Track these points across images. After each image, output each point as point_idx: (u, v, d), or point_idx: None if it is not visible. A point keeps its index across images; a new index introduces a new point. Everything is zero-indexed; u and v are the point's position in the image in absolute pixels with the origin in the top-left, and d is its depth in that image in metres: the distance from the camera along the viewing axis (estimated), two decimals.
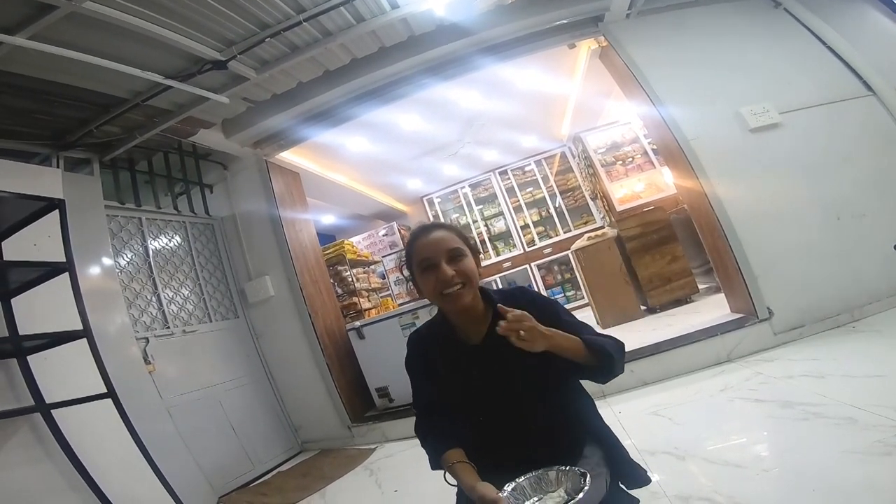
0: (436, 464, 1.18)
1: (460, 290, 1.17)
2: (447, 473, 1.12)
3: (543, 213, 8.06)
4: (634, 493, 1.22)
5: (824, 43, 3.51)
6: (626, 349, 1.20)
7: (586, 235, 5.26)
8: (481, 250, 1.42)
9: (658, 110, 3.42)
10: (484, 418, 1.19)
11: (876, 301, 3.05)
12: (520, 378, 1.17)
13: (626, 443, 2.22)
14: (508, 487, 0.99)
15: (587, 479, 0.94)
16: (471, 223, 8.11)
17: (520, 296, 1.26)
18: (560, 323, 1.16)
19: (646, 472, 1.23)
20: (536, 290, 7.50)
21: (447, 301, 1.18)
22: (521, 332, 1.01)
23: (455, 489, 1.13)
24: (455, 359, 1.24)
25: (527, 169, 8.12)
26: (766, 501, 1.54)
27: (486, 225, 8.12)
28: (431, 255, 1.18)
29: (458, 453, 1.12)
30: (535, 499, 0.99)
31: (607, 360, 1.10)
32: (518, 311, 1.03)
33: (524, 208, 8.01)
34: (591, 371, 1.13)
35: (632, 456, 1.24)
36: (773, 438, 2.03)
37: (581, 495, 0.90)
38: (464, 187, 8.20)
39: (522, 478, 1.02)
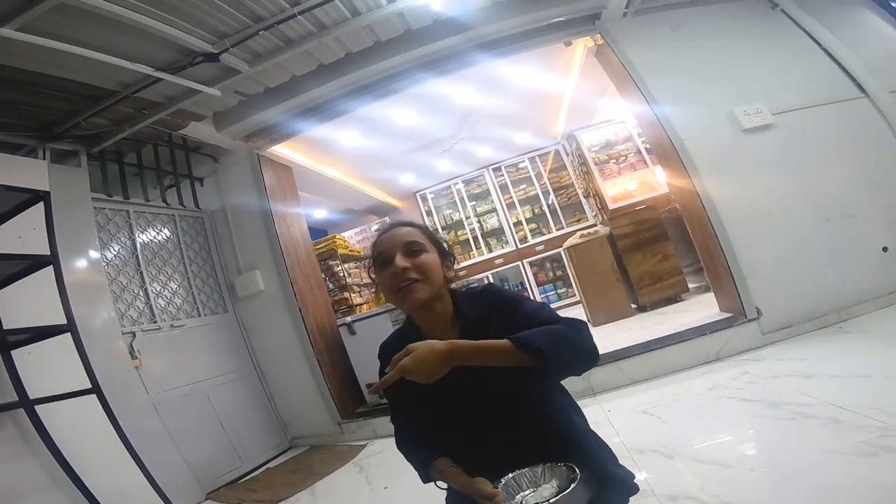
0: (426, 476, 1.16)
1: (413, 285, 1.10)
2: (437, 480, 1.12)
3: (536, 210, 8.08)
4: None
5: (820, 45, 3.52)
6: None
7: (579, 233, 5.27)
8: (455, 255, 1.33)
9: (652, 109, 3.43)
10: (460, 427, 1.12)
11: (863, 302, 3.08)
12: (492, 386, 1.06)
13: (615, 441, 2.24)
14: (501, 482, 0.99)
15: (576, 471, 0.95)
16: (464, 219, 8.12)
17: (489, 296, 1.20)
18: (514, 319, 1.08)
19: (633, 475, 1.14)
20: (508, 287, 7.50)
21: (401, 298, 1.11)
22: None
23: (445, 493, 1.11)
24: None
25: (520, 166, 8.12)
26: (752, 501, 1.55)
27: (478, 221, 8.13)
28: (387, 249, 1.14)
29: (445, 460, 1.10)
30: (529, 491, 1.00)
31: (541, 357, 0.93)
32: (394, 363, 0.96)
33: (517, 205, 8.02)
34: (541, 372, 0.96)
35: (620, 456, 1.20)
36: (760, 438, 2.05)
37: (573, 485, 0.91)
38: (457, 183, 8.17)
39: (511, 474, 1.01)
